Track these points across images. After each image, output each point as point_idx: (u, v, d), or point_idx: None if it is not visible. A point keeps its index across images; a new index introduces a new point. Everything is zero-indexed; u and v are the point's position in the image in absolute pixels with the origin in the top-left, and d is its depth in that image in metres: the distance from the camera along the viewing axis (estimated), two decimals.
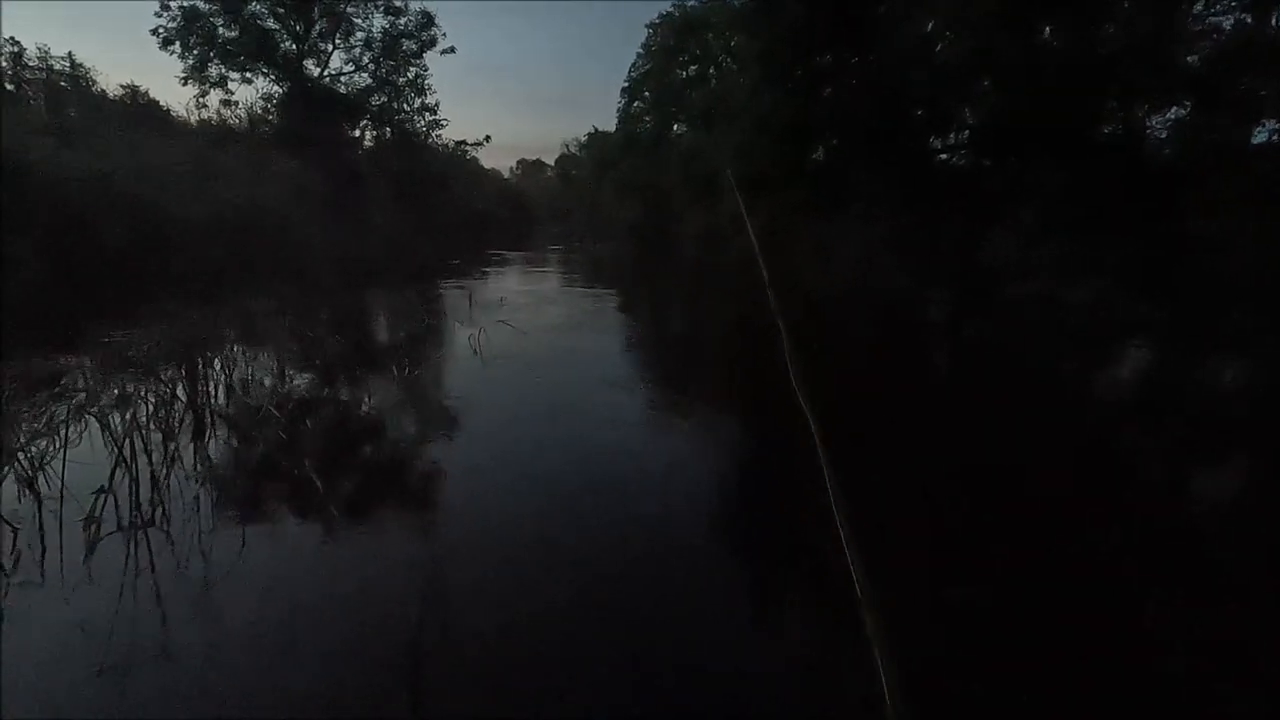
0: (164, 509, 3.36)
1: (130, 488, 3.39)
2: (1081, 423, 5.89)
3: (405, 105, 29.87)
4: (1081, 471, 4.55)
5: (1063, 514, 3.81)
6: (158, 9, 23.91)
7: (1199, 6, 13.33)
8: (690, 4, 33.96)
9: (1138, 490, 4.37)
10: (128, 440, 3.56)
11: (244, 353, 6.53)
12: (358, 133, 29.73)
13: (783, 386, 2.03)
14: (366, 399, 5.54)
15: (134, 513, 3.27)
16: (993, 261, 14.06)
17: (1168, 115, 14.34)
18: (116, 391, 4.72)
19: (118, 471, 3.46)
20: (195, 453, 4.08)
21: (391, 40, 28.12)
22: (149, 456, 3.68)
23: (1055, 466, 4.61)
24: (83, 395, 4.69)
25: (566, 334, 8.95)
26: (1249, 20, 12.54)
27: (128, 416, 4.07)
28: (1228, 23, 12.89)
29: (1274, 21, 12.18)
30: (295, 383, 5.84)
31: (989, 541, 3.46)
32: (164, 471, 3.70)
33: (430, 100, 30.23)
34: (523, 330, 8.69)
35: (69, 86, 22.71)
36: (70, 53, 22.96)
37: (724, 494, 4.13)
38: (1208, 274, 11.58)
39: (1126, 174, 13.21)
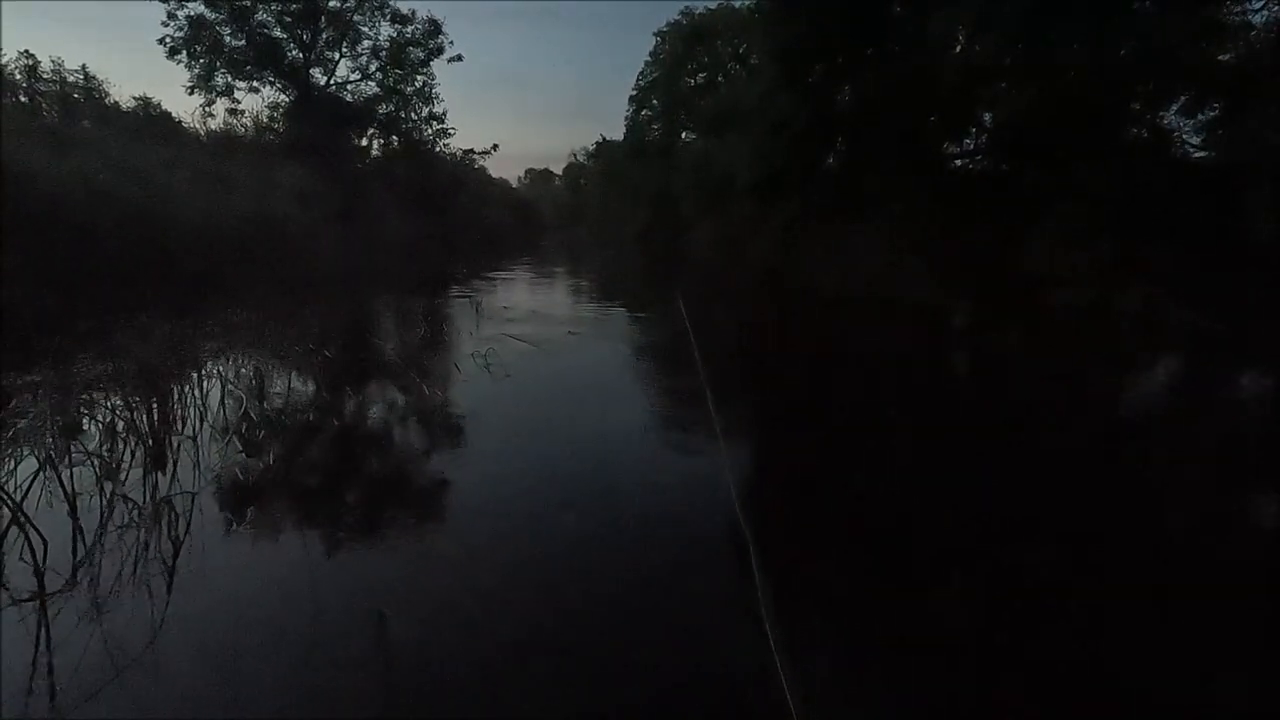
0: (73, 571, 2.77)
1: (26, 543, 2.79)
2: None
3: (412, 114, 29.66)
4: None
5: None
6: (164, 18, 23.87)
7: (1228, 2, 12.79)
8: (699, 11, 33.67)
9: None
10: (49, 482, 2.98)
11: (221, 371, 5.99)
12: (365, 141, 29.55)
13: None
14: (340, 430, 4.94)
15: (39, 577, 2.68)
16: (1023, 267, 13.35)
17: (1198, 117, 13.65)
18: (59, 420, 4.15)
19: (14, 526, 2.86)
20: (142, 494, 3.50)
21: (398, 48, 27.93)
22: (70, 504, 3.09)
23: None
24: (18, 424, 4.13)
25: (575, 346, 8.36)
26: None
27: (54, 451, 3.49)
28: (1259, 19, 12.34)
29: None
30: (269, 405, 5.27)
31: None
32: (100, 520, 3.12)
33: (438, 109, 30.05)
34: (533, 343, 8.13)
35: (82, 99, 22.69)
36: (84, 65, 23.07)
37: None
38: (1248, 279, 10.93)
39: (1158, 177, 12.50)
